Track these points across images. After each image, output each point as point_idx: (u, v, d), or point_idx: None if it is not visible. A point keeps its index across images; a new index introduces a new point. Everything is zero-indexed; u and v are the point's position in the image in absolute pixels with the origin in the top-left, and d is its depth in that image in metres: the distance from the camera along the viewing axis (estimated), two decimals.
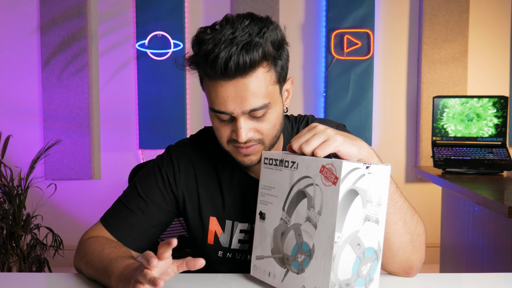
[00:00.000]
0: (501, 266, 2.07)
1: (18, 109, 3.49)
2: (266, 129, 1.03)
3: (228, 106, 0.98)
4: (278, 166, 0.93)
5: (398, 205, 0.98)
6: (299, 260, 0.87)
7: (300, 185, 0.88)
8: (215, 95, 0.99)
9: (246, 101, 0.97)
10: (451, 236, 2.69)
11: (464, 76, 3.54)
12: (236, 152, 1.06)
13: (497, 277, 1.17)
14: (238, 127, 1.00)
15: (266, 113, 1.01)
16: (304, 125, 1.20)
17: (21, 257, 2.77)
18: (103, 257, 1.03)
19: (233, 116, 1.00)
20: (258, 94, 0.98)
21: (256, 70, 0.97)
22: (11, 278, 1.16)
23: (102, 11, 3.50)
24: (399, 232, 0.99)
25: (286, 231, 0.90)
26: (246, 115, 1.00)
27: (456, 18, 3.51)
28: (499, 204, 1.76)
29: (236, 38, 0.94)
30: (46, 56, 3.43)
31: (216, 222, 1.15)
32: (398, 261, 1.03)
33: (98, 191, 3.50)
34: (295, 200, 0.89)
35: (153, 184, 1.15)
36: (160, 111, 3.46)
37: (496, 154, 2.61)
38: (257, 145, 1.04)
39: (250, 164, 1.06)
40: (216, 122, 1.04)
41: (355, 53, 3.49)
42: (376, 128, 3.60)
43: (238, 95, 0.97)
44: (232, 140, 1.04)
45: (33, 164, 2.88)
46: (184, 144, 1.19)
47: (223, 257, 1.17)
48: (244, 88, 0.97)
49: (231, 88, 0.97)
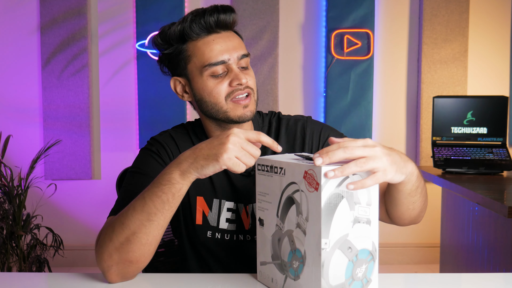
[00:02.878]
0: (501, 266, 2.07)
1: (18, 109, 3.49)
2: (253, 81, 1.18)
3: (223, 55, 1.14)
4: (269, 172, 0.93)
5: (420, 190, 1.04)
6: (294, 267, 0.88)
7: (289, 191, 0.88)
8: (209, 50, 1.14)
9: (236, 48, 1.16)
10: (451, 236, 2.69)
11: (464, 76, 3.54)
12: (235, 107, 1.15)
13: (497, 277, 1.17)
14: (236, 72, 1.14)
15: (248, 66, 1.18)
16: (277, 119, 1.28)
17: (21, 257, 2.77)
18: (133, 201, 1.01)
19: (227, 69, 1.14)
20: (241, 45, 1.18)
21: (231, 30, 1.19)
22: (11, 278, 1.16)
23: (102, 11, 3.50)
24: (420, 206, 1.08)
25: (282, 237, 0.91)
26: (237, 65, 1.15)
27: (456, 18, 3.51)
28: (499, 204, 1.76)
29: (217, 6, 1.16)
30: (46, 56, 3.43)
31: (203, 201, 1.20)
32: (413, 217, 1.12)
33: (98, 191, 3.50)
34: (285, 206, 0.90)
35: (154, 163, 1.19)
36: (160, 111, 3.46)
37: (496, 154, 2.61)
38: (251, 96, 1.17)
39: (249, 116, 1.16)
40: (210, 82, 1.15)
41: (355, 53, 3.49)
42: (376, 128, 3.60)
43: (228, 45, 1.15)
44: (231, 94, 1.14)
45: (33, 164, 2.88)
46: (165, 132, 1.28)
47: (212, 237, 1.20)
48: (231, 39, 1.17)
49: (221, 40, 1.15)
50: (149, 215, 0.97)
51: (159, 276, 1.11)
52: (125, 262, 0.99)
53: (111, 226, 1.02)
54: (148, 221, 0.97)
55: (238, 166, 0.92)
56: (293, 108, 3.55)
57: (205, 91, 1.15)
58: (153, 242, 0.99)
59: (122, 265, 1.00)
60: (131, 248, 0.98)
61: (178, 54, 1.17)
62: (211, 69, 1.13)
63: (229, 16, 1.15)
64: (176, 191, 0.97)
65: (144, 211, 0.97)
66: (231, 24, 1.17)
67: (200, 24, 1.13)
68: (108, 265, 1.00)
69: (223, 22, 1.15)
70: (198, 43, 1.15)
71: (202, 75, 1.14)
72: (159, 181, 0.98)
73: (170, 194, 0.97)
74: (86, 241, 3.48)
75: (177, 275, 1.10)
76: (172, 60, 1.20)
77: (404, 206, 1.06)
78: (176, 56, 1.18)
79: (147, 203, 0.97)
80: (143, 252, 0.99)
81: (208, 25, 1.14)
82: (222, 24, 1.15)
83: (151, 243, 0.99)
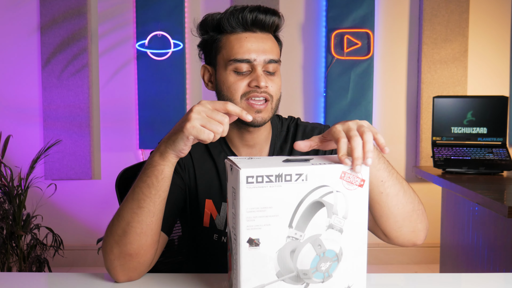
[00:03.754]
0: (501, 266, 2.07)
1: (18, 109, 3.49)
2: (275, 88, 1.15)
3: (251, 54, 1.13)
4: (275, 182, 0.84)
5: (395, 176, 1.02)
6: (322, 269, 0.88)
7: (315, 196, 0.86)
8: (239, 46, 1.13)
9: (266, 51, 1.14)
10: (451, 236, 2.69)
11: (464, 76, 3.54)
12: (248, 109, 1.13)
13: (497, 277, 1.17)
14: (259, 74, 1.13)
15: (276, 71, 1.16)
16: (294, 125, 1.29)
17: (21, 257, 2.77)
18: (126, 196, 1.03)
19: (251, 68, 1.13)
20: (273, 50, 1.16)
21: (270, 33, 1.18)
22: (11, 278, 1.16)
23: (102, 11, 3.50)
24: (402, 202, 1.03)
25: (299, 247, 0.87)
26: (262, 68, 1.14)
27: (456, 18, 3.51)
28: (499, 204, 1.76)
29: (260, 6, 1.16)
30: (46, 56, 3.43)
31: (212, 204, 1.20)
32: (406, 232, 1.06)
33: (98, 191, 3.50)
34: (309, 212, 0.86)
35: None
36: (160, 111, 3.46)
37: (496, 154, 2.61)
38: (267, 103, 1.14)
39: (260, 122, 1.14)
40: (232, 77, 1.14)
41: (355, 53, 3.49)
42: (376, 128, 3.59)
43: (259, 46, 1.14)
44: (247, 94, 1.13)
45: (33, 164, 2.88)
46: None
47: (218, 240, 1.20)
48: (264, 41, 1.15)
49: (253, 39, 1.14)
50: (139, 202, 0.99)
51: (159, 276, 1.11)
52: (125, 256, 1.01)
53: (111, 220, 1.04)
54: (138, 208, 0.99)
55: (203, 133, 0.92)
56: (293, 108, 3.55)
57: (225, 85, 1.15)
58: (148, 232, 1.00)
59: (122, 259, 1.01)
60: (128, 239, 1.00)
61: (212, 43, 1.18)
62: (235, 65, 1.13)
63: (268, 18, 1.15)
64: (158, 173, 0.98)
65: (134, 199, 1.00)
66: (269, 26, 1.16)
67: (237, 19, 1.14)
68: (111, 259, 1.02)
69: (261, 22, 1.15)
70: (231, 37, 1.15)
71: (226, 68, 1.14)
72: (144, 167, 1.01)
73: (153, 177, 0.98)
74: (86, 241, 3.48)
75: (177, 275, 1.10)
76: (206, 47, 1.21)
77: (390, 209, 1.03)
78: (210, 44, 1.19)
79: (135, 190, 1.00)
80: (140, 243, 1.00)
81: (245, 22, 1.14)
82: (260, 24, 1.15)
83: (146, 233, 1.00)
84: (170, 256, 1.43)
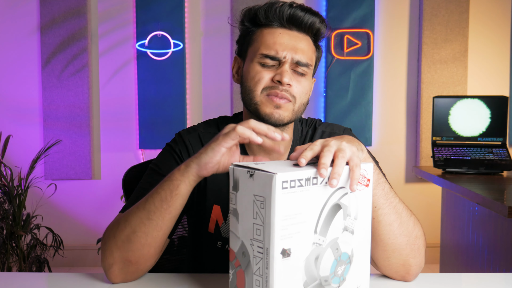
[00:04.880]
0: (501, 266, 2.07)
1: (18, 109, 3.49)
2: (300, 90, 1.09)
3: (282, 50, 1.07)
4: (304, 186, 0.79)
5: (393, 205, 0.97)
6: (339, 273, 0.86)
7: (334, 198, 0.83)
8: (272, 41, 1.08)
9: (297, 51, 1.08)
10: (451, 236, 2.69)
11: (464, 76, 3.54)
12: (266, 103, 1.08)
13: (497, 277, 1.17)
14: (284, 69, 1.07)
15: (305, 74, 1.10)
16: (313, 128, 1.23)
17: (21, 257, 2.77)
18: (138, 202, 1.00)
19: (278, 64, 1.08)
20: (306, 51, 1.10)
21: (308, 35, 1.12)
22: (11, 278, 1.16)
23: (102, 11, 3.50)
24: (395, 233, 0.98)
25: (321, 253, 0.83)
26: (291, 67, 1.08)
27: (456, 18, 3.51)
28: (499, 204, 1.76)
29: (304, 5, 1.11)
30: (46, 56, 3.43)
31: (219, 211, 1.16)
32: (395, 264, 1.01)
33: (98, 191, 3.50)
34: (330, 216, 0.83)
35: (173, 164, 1.14)
36: (160, 111, 3.46)
37: (496, 154, 2.61)
38: (289, 102, 1.08)
39: (278, 119, 1.08)
40: (258, 67, 1.09)
41: (355, 53, 3.49)
42: (376, 128, 3.60)
43: (292, 44, 1.08)
44: (268, 88, 1.07)
45: (33, 164, 2.88)
46: (195, 130, 1.20)
47: (221, 248, 1.17)
48: (298, 41, 1.09)
49: (287, 36, 1.09)
50: (149, 213, 0.96)
51: (158, 276, 1.11)
52: (125, 262, 0.99)
53: (117, 223, 1.01)
54: (147, 219, 0.96)
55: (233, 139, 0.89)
56: None
57: (249, 75, 1.10)
58: (152, 244, 0.98)
59: (122, 264, 0.99)
60: (131, 247, 0.97)
61: (246, 35, 1.14)
62: (263, 59, 1.08)
63: (308, 17, 1.09)
64: (174, 188, 0.94)
65: (145, 209, 0.96)
66: (307, 26, 1.10)
67: (274, 12, 1.08)
68: (110, 262, 0.99)
69: (298, 20, 1.09)
70: (265, 30, 1.10)
71: (253, 60, 1.09)
72: (164, 179, 0.97)
73: (168, 191, 0.95)
74: (86, 241, 3.48)
75: (176, 275, 1.10)
76: (241, 39, 1.16)
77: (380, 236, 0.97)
78: (244, 36, 1.15)
79: (148, 200, 0.97)
80: (143, 253, 0.98)
81: (281, 16, 1.08)
82: (297, 22, 1.09)
83: (150, 244, 0.97)
84: (174, 254, 1.43)
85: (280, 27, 1.09)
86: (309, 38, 1.12)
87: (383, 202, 0.95)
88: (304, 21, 1.09)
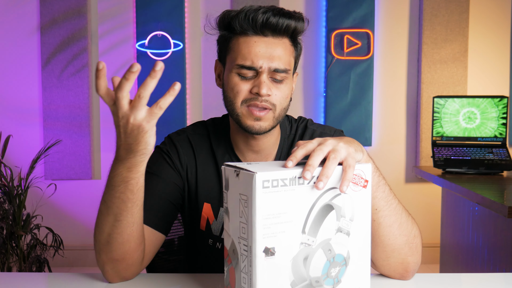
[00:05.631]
0: (501, 266, 2.07)
1: (18, 109, 3.50)
2: (280, 97, 1.09)
3: (258, 60, 1.07)
4: (289, 186, 0.80)
5: (393, 207, 0.97)
6: (333, 275, 0.86)
7: (325, 199, 0.83)
8: (247, 50, 1.08)
9: (274, 59, 1.07)
10: (451, 236, 2.69)
11: (464, 76, 3.54)
12: (247, 115, 1.09)
13: (497, 277, 1.17)
14: (261, 81, 1.07)
15: (283, 80, 1.10)
16: (303, 127, 1.24)
17: (21, 257, 2.77)
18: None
19: (256, 74, 1.08)
20: (283, 57, 1.09)
21: (284, 38, 1.10)
22: (11, 278, 1.16)
23: (102, 11, 3.50)
24: (394, 234, 0.98)
25: (311, 253, 0.83)
26: (268, 75, 1.08)
27: (456, 18, 3.51)
28: (499, 204, 1.76)
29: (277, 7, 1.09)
30: (46, 56, 3.43)
31: (210, 208, 1.18)
32: (393, 263, 1.02)
33: (98, 191, 3.48)
34: (320, 216, 0.83)
35: (164, 163, 1.17)
36: None
37: (496, 154, 2.61)
38: (269, 111, 1.09)
39: (258, 130, 1.09)
40: (236, 79, 1.09)
41: (355, 53, 3.49)
42: (376, 128, 3.60)
43: (268, 52, 1.07)
44: (247, 100, 1.08)
45: (33, 164, 2.88)
46: (184, 132, 1.23)
47: (212, 245, 1.18)
48: (274, 47, 1.08)
49: (263, 45, 1.08)
50: (116, 216, 0.95)
51: (157, 276, 1.11)
52: (113, 261, 1.00)
53: (95, 227, 1.02)
54: (116, 221, 0.96)
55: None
56: (293, 108, 3.55)
57: (229, 86, 1.10)
58: (131, 239, 0.98)
59: (111, 263, 1.00)
60: (111, 248, 0.98)
61: (224, 41, 1.14)
62: (240, 69, 1.08)
63: (282, 21, 1.07)
64: (133, 186, 0.93)
65: (110, 214, 0.96)
66: (283, 30, 1.08)
67: (247, 20, 1.07)
68: (101, 264, 1.01)
69: (272, 26, 1.07)
70: (241, 39, 1.09)
71: (232, 70, 1.10)
72: (111, 183, 0.95)
73: (128, 192, 0.93)
74: (86, 241, 3.48)
75: (174, 275, 1.10)
76: (219, 44, 1.16)
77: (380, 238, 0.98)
78: (222, 42, 1.15)
79: (109, 206, 0.95)
80: (125, 249, 0.99)
81: (255, 24, 1.07)
82: (271, 28, 1.07)
83: (129, 240, 0.98)
84: (172, 254, 1.43)
85: (255, 35, 1.08)
86: (287, 40, 1.11)
87: (384, 205, 0.96)
88: (278, 26, 1.07)
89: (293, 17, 1.09)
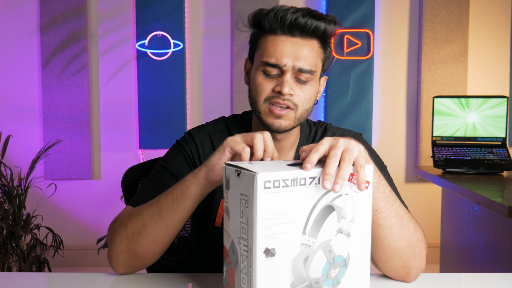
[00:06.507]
0: (501, 266, 2.07)
1: (18, 109, 3.50)
2: (303, 98, 1.10)
3: (283, 59, 1.07)
4: (290, 186, 0.79)
5: (393, 208, 0.97)
6: (332, 276, 0.86)
7: (326, 200, 0.83)
8: (273, 49, 1.09)
9: (299, 58, 1.08)
10: (451, 236, 2.69)
11: (464, 76, 3.54)
12: (268, 113, 1.10)
13: (497, 277, 1.17)
14: (285, 80, 1.07)
15: (308, 81, 1.10)
16: (322, 130, 1.25)
17: (21, 257, 2.77)
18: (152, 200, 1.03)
19: (281, 72, 1.09)
20: (309, 58, 1.09)
21: (313, 39, 1.10)
22: (11, 278, 1.16)
23: (102, 11, 3.50)
24: (395, 236, 0.98)
25: (311, 254, 0.83)
26: (293, 75, 1.09)
27: (456, 18, 3.51)
28: (499, 204, 1.76)
29: (309, 9, 1.10)
30: (46, 56, 3.43)
31: None
32: (395, 265, 1.02)
33: (98, 191, 3.50)
34: (321, 217, 0.83)
35: (182, 162, 1.18)
36: (160, 111, 3.46)
37: (496, 154, 2.61)
38: (290, 111, 1.10)
39: (278, 128, 1.10)
40: (260, 77, 1.11)
41: (355, 53, 3.49)
42: (376, 128, 3.60)
43: (293, 51, 1.08)
44: (270, 98, 1.09)
45: (33, 164, 2.88)
46: (204, 128, 1.23)
47: None
48: (300, 48, 1.08)
49: (290, 44, 1.08)
50: (160, 210, 0.99)
51: (159, 276, 1.11)
52: (132, 253, 1.02)
53: (129, 215, 1.04)
54: (158, 216, 0.99)
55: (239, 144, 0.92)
56: None
57: (254, 83, 1.12)
58: (160, 241, 1.01)
59: (128, 255, 1.02)
60: (140, 241, 1.01)
61: (253, 39, 1.15)
62: (265, 67, 1.09)
63: (310, 22, 1.07)
64: (184, 188, 0.98)
65: (158, 206, 1.00)
66: (311, 31, 1.09)
67: (276, 19, 1.08)
68: (117, 251, 1.03)
69: (300, 27, 1.08)
70: (269, 37, 1.10)
71: (258, 68, 1.11)
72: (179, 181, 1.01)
73: (179, 190, 0.98)
74: (86, 241, 3.48)
75: (176, 275, 1.10)
76: (250, 41, 1.18)
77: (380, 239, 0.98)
78: (252, 40, 1.16)
79: (161, 198, 1.00)
80: (150, 248, 1.01)
81: (283, 23, 1.07)
82: (299, 28, 1.08)
83: (158, 241, 1.01)
84: (174, 254, 1.43)
85: (283, 35, 1.09)
86: (315, 42, 1.11)
87: (384, 205, 0.96)
88: (307, 27, 1.08)
89: (323, 19, 1.10)
